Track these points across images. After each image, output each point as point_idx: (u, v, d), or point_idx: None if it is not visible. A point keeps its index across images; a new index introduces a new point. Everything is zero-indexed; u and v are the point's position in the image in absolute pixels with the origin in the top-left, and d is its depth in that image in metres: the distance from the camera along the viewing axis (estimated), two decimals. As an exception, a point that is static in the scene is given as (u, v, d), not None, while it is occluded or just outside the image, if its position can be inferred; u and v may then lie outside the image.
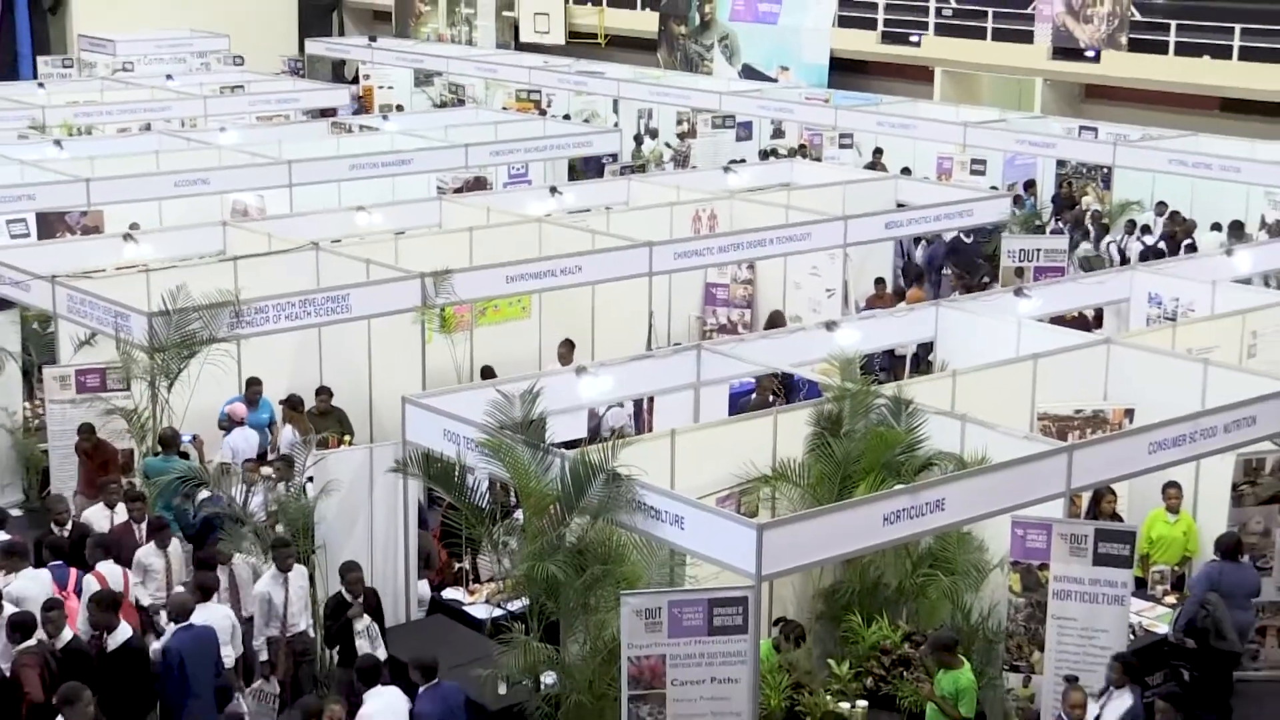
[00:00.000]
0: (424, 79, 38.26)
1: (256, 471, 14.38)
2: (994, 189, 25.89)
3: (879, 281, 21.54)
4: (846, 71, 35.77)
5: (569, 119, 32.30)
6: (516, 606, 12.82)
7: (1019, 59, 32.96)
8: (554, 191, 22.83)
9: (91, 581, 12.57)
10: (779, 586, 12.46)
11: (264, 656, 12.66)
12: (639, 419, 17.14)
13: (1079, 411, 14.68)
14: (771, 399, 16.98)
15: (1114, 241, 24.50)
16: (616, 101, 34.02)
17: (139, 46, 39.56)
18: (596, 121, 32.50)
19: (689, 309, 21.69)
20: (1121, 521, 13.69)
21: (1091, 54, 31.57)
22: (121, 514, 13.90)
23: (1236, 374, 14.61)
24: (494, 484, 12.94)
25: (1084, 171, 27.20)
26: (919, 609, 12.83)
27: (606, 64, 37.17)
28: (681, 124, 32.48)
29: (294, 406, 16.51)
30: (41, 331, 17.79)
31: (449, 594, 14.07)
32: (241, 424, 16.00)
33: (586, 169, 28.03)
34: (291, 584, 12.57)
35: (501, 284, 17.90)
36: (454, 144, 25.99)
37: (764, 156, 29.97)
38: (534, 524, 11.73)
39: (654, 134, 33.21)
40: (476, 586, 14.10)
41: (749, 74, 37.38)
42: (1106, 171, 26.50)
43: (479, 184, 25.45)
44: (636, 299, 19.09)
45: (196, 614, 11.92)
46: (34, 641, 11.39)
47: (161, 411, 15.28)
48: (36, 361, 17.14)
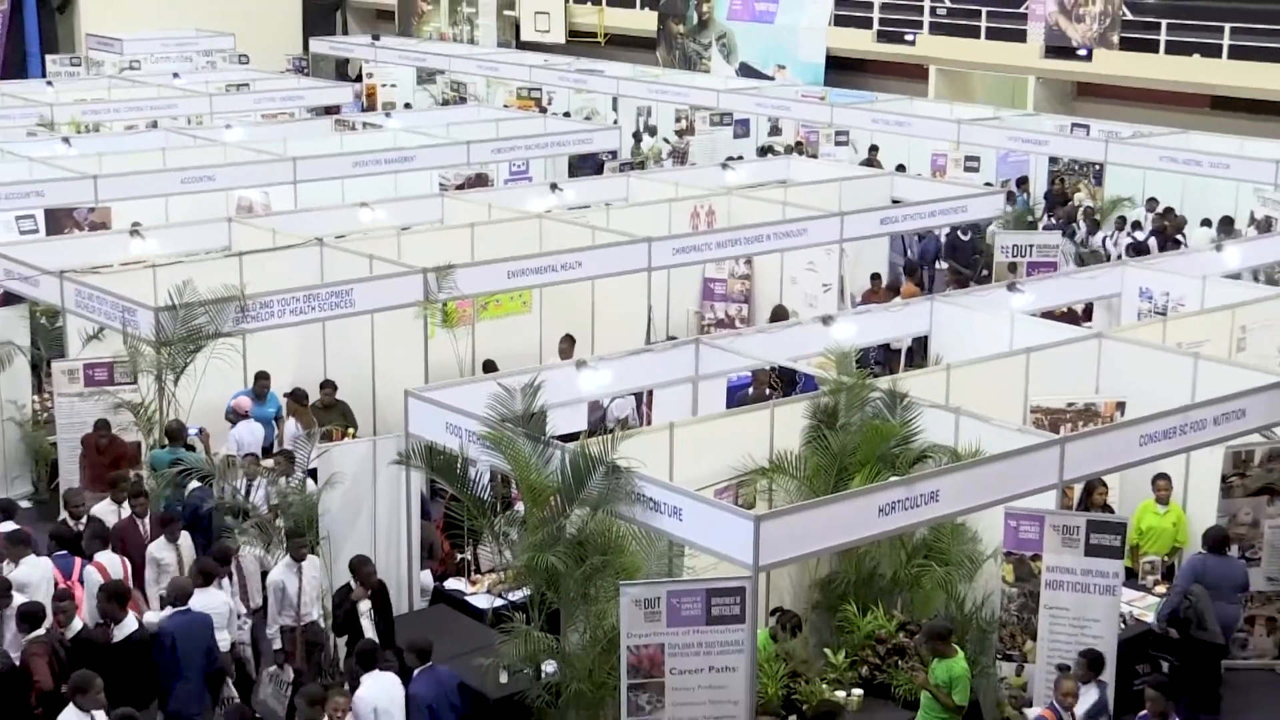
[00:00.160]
0: (426, 77, 38.26)
1: (257, 465, 14.38)
2: (988, 185, 25.86)
3: (875, 277, 21.50)
4: (842, 70, 35.74)
5: (569, 117, 32.27)
6: (518, 596, 12.82)
7: (1012, 57, 32.93)
8: (554, 188, 22.82)
9: (92, 572, 12.57)
10: (776, 577, 12.46)
11: (277, 645, 12.64)
12: (638, 412, 17.13)
13: (1071, 404, 14.68)
14: (768, 392, 16.98)
15: (1107, 237, 24.51)
16: (616, 99, 33.99)
17: (146, 45, 39.55)
18: (596, 119, 32.46)
19: (687, 304, 21.67)
20: (1112, 513, 13.71)
21: (1083, 52, 31.54)
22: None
23: (1226, 368, 14.59)
24: (495, 476, 12.95)
25: (1076, 168, 27.20)
26: (914, 599, 12.84)
27: (606, 62, 37.15)
28: (680, 121, 32.49)
29: (298, 400, 16.50)
30: (50, 326, 17.80)
31: (451, 584, 14.05)
32: (246, 417, 15.99)
33: (583, 166, 28.01)
34: (305, 573, 12.55)
35: (503, 279, 17.89)
36: (456, 141, 25.96)
37: (762, 153, 29.94)
38: (534, 515, 11.73)
39: (653, 131, 33.21)
40: (478, 577, 14.08)
41: (746, 72, 37.34)
42: (1098, 168, 26.49)
43: (480, 181, 25.45)
44: (636, 294, 19.10)
45: (196, 599, 11.92)
46: (43, 631, 11.41)
47: (168, 405, 15.27)
48: (45, 355, 17.15)
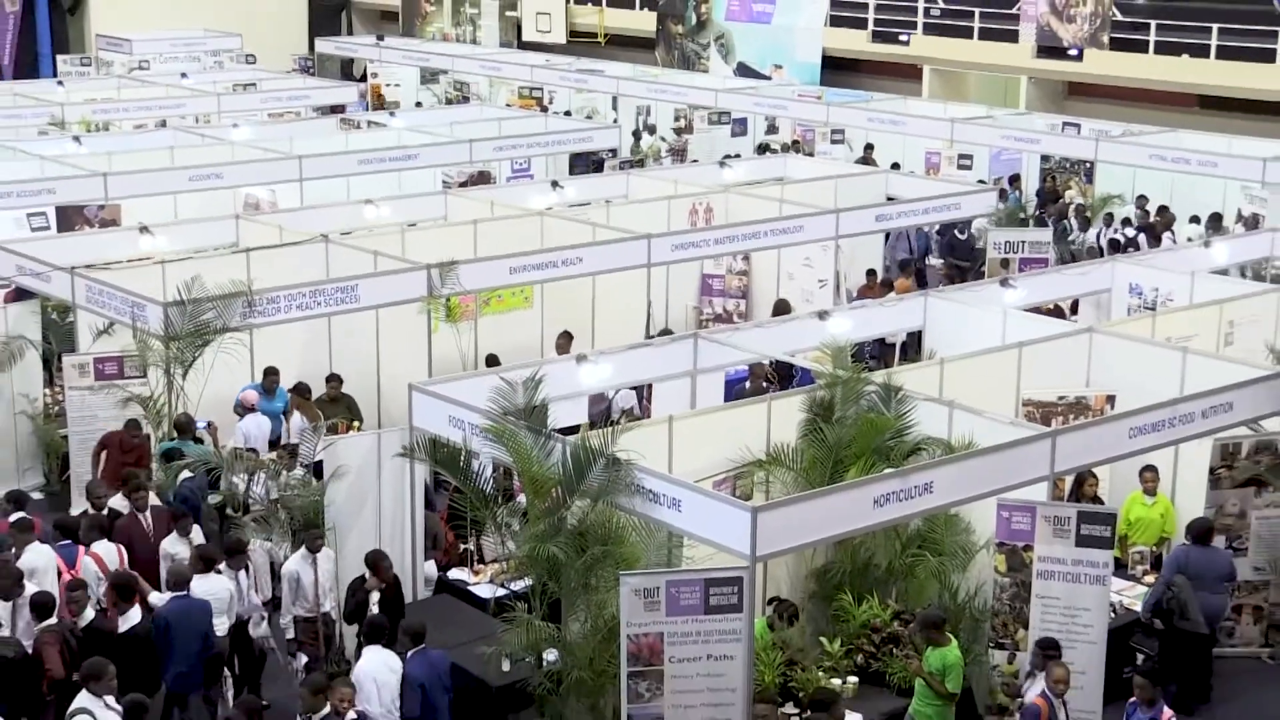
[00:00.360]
0: (430, 77, 38.25)
1: (257, 459, 14.32)
2: (981, 183, 25.86)
3: (870, 273, 21.53)
4: (838, 69, 35.72)
5: (570, 115, 32.24)
6: (519, 586, 12.82)
7: (1004, 57, 32.92)
8: (555, 186, 22.81)
9: (88, 561, 12.56)
10: (773, 567, 12.46)
11: (290, 634, 12.61)
12: (639, 405, 17.14)
13: (1062, 398, 14.67)
14: (765, 385, 16.97)
15: (1100, 233, 24.52)
16: (616, 98, 33.97)
17: (155, 46, 39.53)
18: (597, 118, 32.44)
19: (686, 299, 21.65)
20: (1102, 504, 13.71)
21: (1074, 52, 31.52)
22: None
23: (1214, 362, 14.60)
24: (497, 468, 12.94)
25: (1067, 166, 27.22)
26: (908, 588, 12.83)
27: (606, 62, 37.12)
28: (679, 120, 32.47)
29: (301, 394, 16.49)
30: (61, 321, 17.81)
31: (454, 574, 14.05)
32: (253, 410, 15.98)
33: (578, 165, 27.99)
34: (320, 565, 12.52)
35: (505, 275, 17.89)
36: (459, 140, 25.94)
37: (759, 152, 29.92)
38: (536, 507, 11.73)
39: (652, 130, 33.19)
40: (481, 567, 14.09)
41: (744, 72, 37.32)
42: (1089, 166, 26.50)
43: (483, 178, 25.43)
44: (635, 289, 19.10)
45: (197, 584, 11.92)
46: (54, 620, 11.41)
47: (177, 398, 15.28)
48: (56, 350, 17.15)
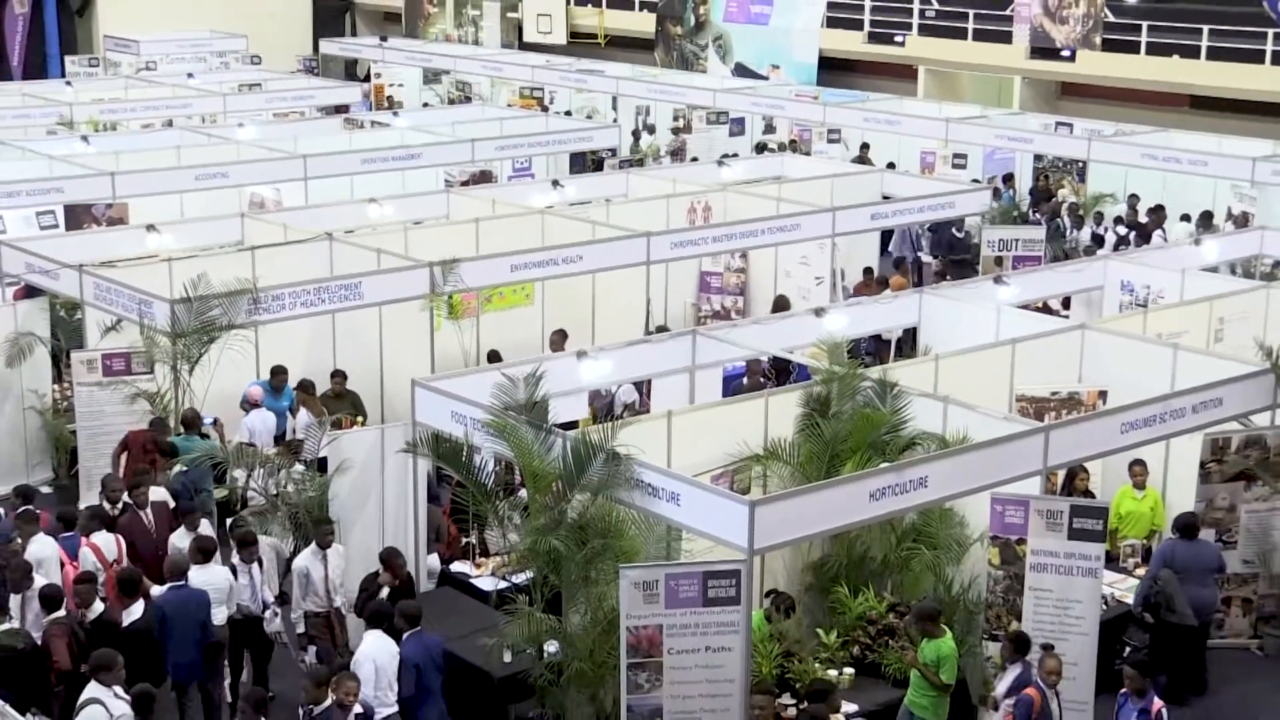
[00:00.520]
0: (432, 77, 38.20)
1: (255, 455, 14.27)
2: (975, 182, 25.83)
3: (867, 271, 21.55)
4: (834, 70, 35.68)
5: (570, 115, 32.22)
6: (521, 579, 12.77)
7: (998, 58, 32.87)
8: (556, 184, 22.80)
9: (87, 552, 12.56)
10: (770, 560, 12.44)
11: (301, 629, 12.57)
12: (639, 399, 17.13)
13: (1055, 393, 14.67)
14: (762, 381, 16.96)
15: (1094, 231, 24.54)
16: (615, 98, 33.92)
17: (161, 46, 39.49)
18: (597, 118, 32.41)
19: (685, 296, 21.65)
20: (1094, 498, 13.70)
21: (1067, 53, 31.48)
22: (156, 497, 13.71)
23: (1204, 358, 14.61)
24: (499, 463, 12.93)
25: (1060, 165, 27.20)
26: (903, 581, 12.83)
27: (606, 63, 37.07)
28: (677, 120, 32.44)
29: (306, 390, 16.48)
30: (69, 318, 17.79)
31: (457, 567, 14.04)
32: (258, 406, 15.98)
33: (576, 164, 27.98)
34: (330, 560, 12.50)
35: (506, 272, 17.89)
36: (461, 139, 25.91)
37: (757, 151, 29.90)
38: (537, 501, 11.72)
39: (651, 129, 33.16)
40: (483, 560, 14.08)
41: (741, 72, 37.28)
42: (1081, 165, 26.48)
43: (485, 177, 25.41)
44: (635, 287, 19.08)
45: (195, 575, 11.91)
46: (63, 613, 11.41)
47: (183, 394, 15.28)
48: (65, 346, 17.14)
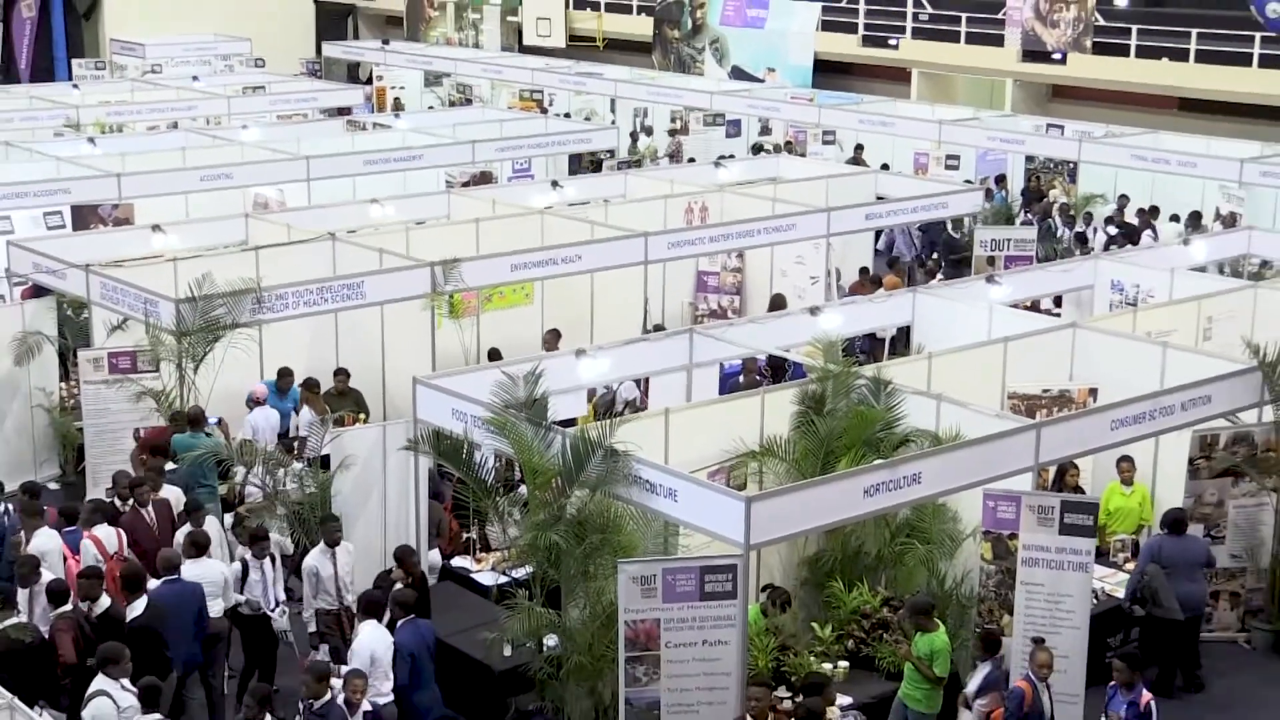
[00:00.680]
0: (433, 80, 38.18)
1: (254, 451, 14.24)
2: (967, 183, 25.83)
3: (863, 270, 21.56)
4: (829, 72, 35.67)
5: (569, 117, 32.21)
6: (521, 574, 12.75)
7: (990, 61, 32.87)
8: (555, 185, 22.78)
9: (88, 544, 12.56)
10: (766, 555, 12.45)
11: (312, 628, 12.48)
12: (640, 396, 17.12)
13: (1046, 391, 14.65)
14: (758, 379, 16.95)
15: (1085, 230, 24.55)
16: (614, 101, 33.93)
17: (167, 50, 39.47)
18: (595, 119, 32.41)
19: (682, 295, 21.64)
20: (1084, 494, 13.70)
21: (1058, 56, 31.48)
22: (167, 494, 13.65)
23: (1193, 356, 14.60)
24: (499, 459, 12.92)
25: (1051, 166, 27.22)
26: (897, 576, 12.83)
27: (604, 65, 37.04)
28: (675, 122, 32.43)
29: (310, 388, 16.47)
30: (76, 317, 17.77)
31: (458, 562, 14.04)
32: (262, 404, 15.97)
33: (573, 166, 28.00)
34: (339, 558, 12.43)
35: (506, 272, 17.87)
36: (461, 141, 25.88)
37: (753, 152, 29.89)
38: (537, 497, 11.71)
39: (649, 131, 33.14)
40: (483, 555, 14.07)
41: (738, 75, 37.26)
42: (1072, 166, 26.49)
43: (485, 178, 25.41)
44: (633, 286, 19.08)
45: (188, 569, 11.90)
46: (69, 607, 11.39)
47: (188, 392, 15.25)
48: (72, 345, 17.12)
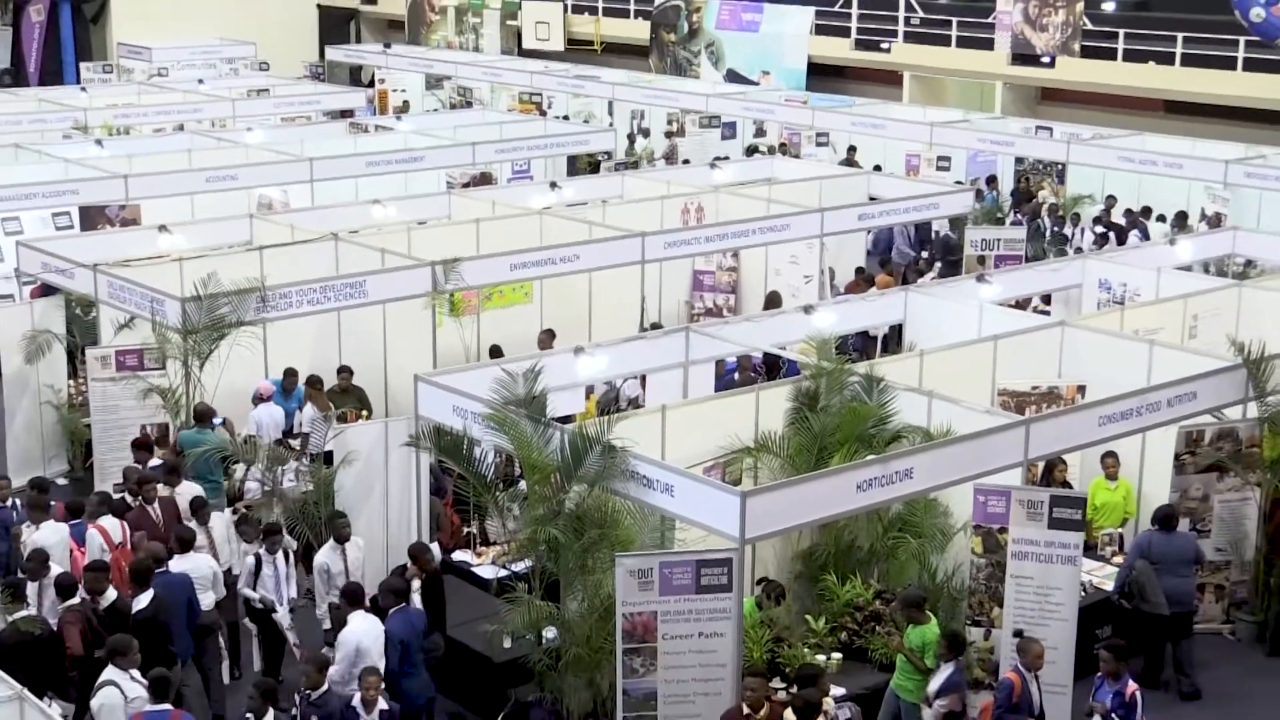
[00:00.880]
0: (434, 83, 38.14)
1: (254, 449, 14.22)
2: (958, 184, 25.84)
3: (859, 270, 21.56)
4: (823, 75, 35.65)
5: (567, 119, 32.19)
6: (520, 567, 12.78)
7: (981, 64, 32.87)
8: (554, 186, 22.76)
9: (93, 534, 12.55)
10: (761, 549, 12.43)
11: (326, 625, 12.42)
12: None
13: (1035, 388, 14.65)
14: (753, 376, 16.94)
15: (1075, 231, 24.57)
16: (611, 103, 33.89)
17: (173, 53, 39.44)
18: (593, 122, 32.39)
19: (678, 294, 21.62)
20: (1072, 489, 13.69)
21: (1047, 60, 31.47)
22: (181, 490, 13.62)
23: (1179, 353, 14.60)
24: (499, 455, 12.90)
25: (1040, 168, 27.19)
26: (889, 569, 12.82)
27: (602, 69, 36.99)
28: (671, 124, 32.41)
29: (314, 385, 16.45)
30: (84, 315, 17.76)
31: (458, 556, 14.03)
32: (267, 400, 15.95)
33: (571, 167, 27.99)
34: (349, 554, 12.40)
35: (506, 271, 17.85)
36: (462, 142, 25.87)
37: (748, 154, 29.88)
38: (536, 492, 11.70)
39: (646, 133, 33.12)
40: (483, 549, 14.07)
41: (733, 78, 37.23)
42: (1061, 168, 26.48)
43: (485, 179, 25.39)
44: (630, 285, 19.07)
45: (176, 563, 11.88)
46: (77, 600, 11.38)
47: (194, 389, 15.24)
48: (80, 343, 17.09)
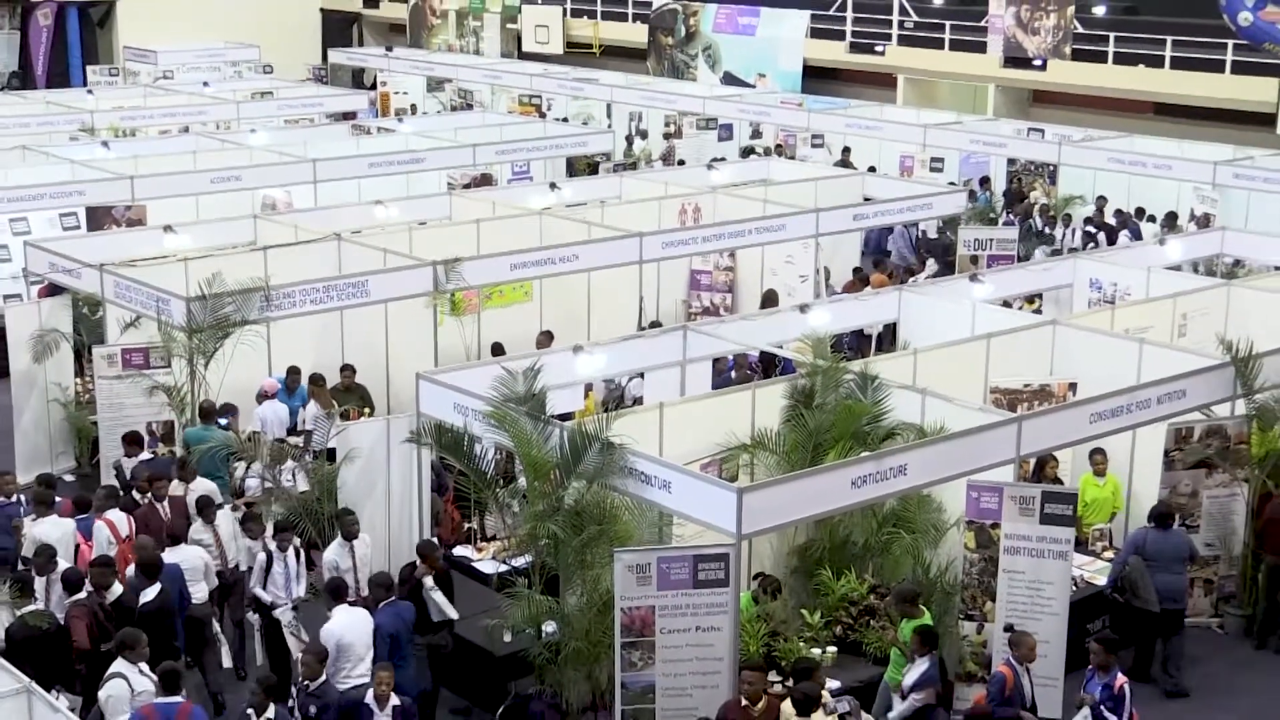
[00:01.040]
0: (435, 85, 38.12)
1: (254, 448, 14.20)
2: (951, 185, 25.83)
3: (856, 270, 21.55)
4: (818, 78, 35.67)
5: (567, 121, 32.18)
6: (520, 562, 12.77)
7: (973, 67, 32.88)
8: (553, 187, 22.73)
9: (101, 527, 12.54)
10: (757, 544, 12.42)
11: None
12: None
13: (1027, 385, 14.65)
14: (749, 374, 16.93)
15: (1068, 233, 24.57)
16: (610, 105, 33.87)
17: (178, 57, 39.42)
18: (592, 123, 32.37)
19: (676, 293, 21.61)
20: (1064, 485, 13.69)
21: (1039, 63, 31.47)
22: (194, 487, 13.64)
23: (1168, 351, 14.58)
24: (500, 452, 12.90)
25: (1032, 169, 27.20)
26: (883, 564, 12.81)
27: (601, 71, 36.99)
28: (668, 126, 32.40)
29: (317, 383, 16.43)
30: (91, 315, 17.71)
31: (459, 551, 14.02)
32: (271, 398, 15.94)
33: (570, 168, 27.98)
34: (357, 551, 12.36)
35: (506, 271, 17.84)
36: (462, 144, 25.85)
37: (744, 155, 29.86)
38: (535, 488, 11.69)
39: (644, 135, 33.11)
40: (484, 544, 14.06)
41: (730, 80, 37.23)
42: (1052, 169, 26.49)
43: (485, 180, 25.37)
44: (628, 284, 19.07)
45: (166, 555, 11.89)
46: (83, 595, 11.37)
47: (199, 387, 15.24)
48: (86, 342, 17.08)
